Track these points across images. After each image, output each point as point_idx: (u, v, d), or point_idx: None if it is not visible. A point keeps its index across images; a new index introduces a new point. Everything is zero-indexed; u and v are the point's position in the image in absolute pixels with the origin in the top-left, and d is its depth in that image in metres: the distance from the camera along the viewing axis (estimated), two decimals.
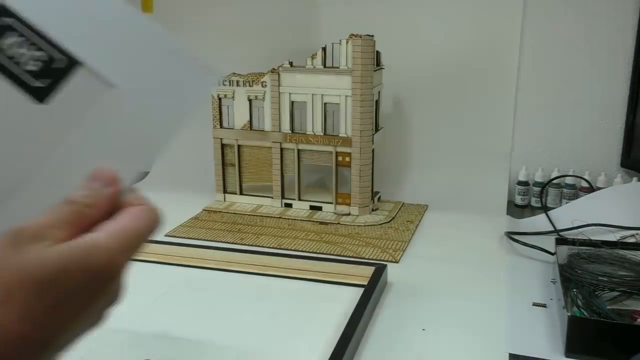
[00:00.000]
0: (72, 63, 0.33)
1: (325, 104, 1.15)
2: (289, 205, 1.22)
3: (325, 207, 1.20)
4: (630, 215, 1.03)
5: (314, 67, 1.14)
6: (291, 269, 0.91)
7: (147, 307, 0.81)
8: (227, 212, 1.21)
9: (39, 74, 0.33)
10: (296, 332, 0.75)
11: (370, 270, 0.86)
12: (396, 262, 0.97)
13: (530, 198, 1.27)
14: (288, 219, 1.18)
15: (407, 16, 1.28)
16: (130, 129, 0.35)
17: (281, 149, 1.20)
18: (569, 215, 1.08)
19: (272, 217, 1.19)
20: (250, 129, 1.22)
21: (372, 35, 1.11)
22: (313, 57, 1.13)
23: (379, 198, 1.25)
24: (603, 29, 1.20)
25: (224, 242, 1.05)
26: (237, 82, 1.20)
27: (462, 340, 0.73)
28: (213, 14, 1.40)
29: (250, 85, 1.19)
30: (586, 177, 1.20)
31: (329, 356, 0.64)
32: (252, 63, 1.23)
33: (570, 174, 1.23)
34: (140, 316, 0.77)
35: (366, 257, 0.98)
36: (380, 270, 0.86)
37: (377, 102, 1.18)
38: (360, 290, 0.80)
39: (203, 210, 1.22)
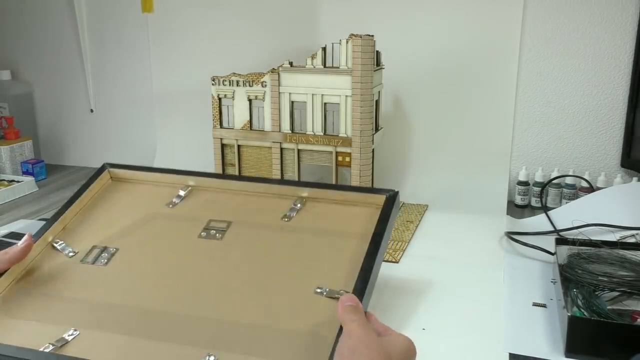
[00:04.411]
0: None
1: (325, 104, 1.15)
2: None
3: None
4: (630, 215, 1.03)
5: (314, 67, 1.14)
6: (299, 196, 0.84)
7: None
8: None
9: None
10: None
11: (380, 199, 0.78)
12: (396, 262, 0.97)
13: (530, 198, 1.27)
14: None
15: (406, 16, 1.28)
16: None
17: (281, 149, 1.20)
18: (569, 215, 1.08)
19: None
20: (250, 129, 1.22)
21: (372, 35, 1.11)
22: (313, 57, 1.13)
23: None
24: (603, 28, 1.20)
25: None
26: (237, 82, 1.20)
27: (462, 340, 0.73)
28: (213, 13, 1.40)
29: (250, 85, 1.19)
30: (586, 177, 1.21)
31: None
32: (252, 63, 1.23)
33: (570, 174, 1.23)
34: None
35: None
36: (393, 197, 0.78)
37: (377, 102, 1.18)
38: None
39: None
